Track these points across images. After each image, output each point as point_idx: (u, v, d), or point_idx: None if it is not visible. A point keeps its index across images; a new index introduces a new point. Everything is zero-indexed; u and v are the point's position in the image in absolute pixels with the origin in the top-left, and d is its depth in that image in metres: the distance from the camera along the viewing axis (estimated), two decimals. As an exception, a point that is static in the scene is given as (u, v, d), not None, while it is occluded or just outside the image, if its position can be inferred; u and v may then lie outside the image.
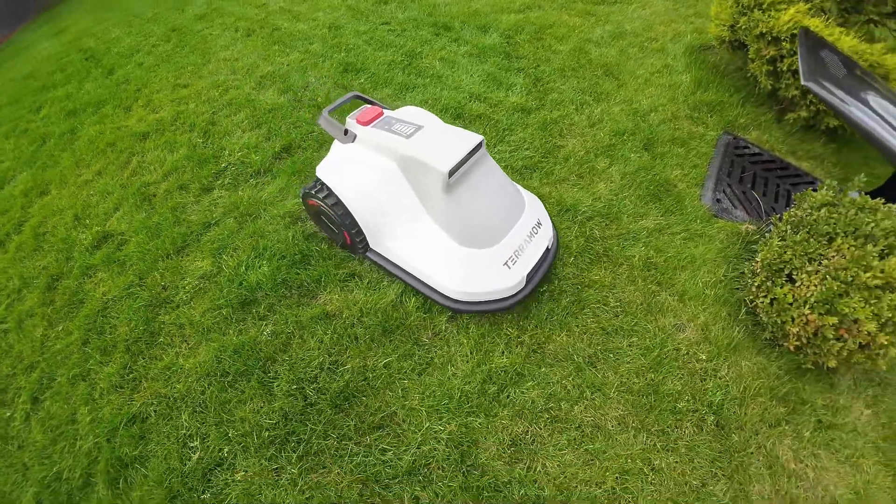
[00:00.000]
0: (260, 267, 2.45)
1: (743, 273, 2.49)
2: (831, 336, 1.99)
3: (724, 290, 2.44)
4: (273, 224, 2.64)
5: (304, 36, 3.93)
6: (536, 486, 1.91)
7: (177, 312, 2.38)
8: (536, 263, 2.24)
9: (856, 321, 1.94)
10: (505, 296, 2.17)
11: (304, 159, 2.94)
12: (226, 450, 1.97)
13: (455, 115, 3.16)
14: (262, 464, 1.93)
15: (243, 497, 1.87)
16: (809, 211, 2.23)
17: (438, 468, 1.92)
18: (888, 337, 1.93)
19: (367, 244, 2.37)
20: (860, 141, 3.13)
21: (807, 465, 2.07)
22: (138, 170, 3.11)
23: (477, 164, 2.16)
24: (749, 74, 3.12)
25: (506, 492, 1.89)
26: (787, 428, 2.12)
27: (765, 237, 2.43)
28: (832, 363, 2.05)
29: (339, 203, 2.22)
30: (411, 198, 2.18)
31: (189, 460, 1.96)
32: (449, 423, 2.01)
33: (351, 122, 2.27)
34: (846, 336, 2.00)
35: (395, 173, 2.17)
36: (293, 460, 1.93)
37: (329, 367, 2.15)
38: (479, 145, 2.11)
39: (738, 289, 2.45)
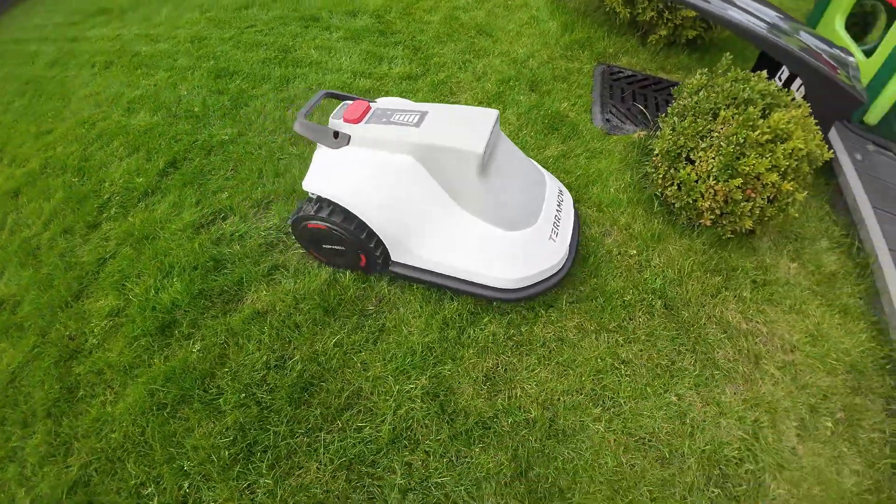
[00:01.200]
0: (171, 286, 2.11)
1: (647, 173, 2.58)
2: (740, 198, 2.09)
3: (634, 191, 2.51)
4: (175, 239, 2.29)
5: (167, 54, 3.55)
6: (522, 410, 1.80)
7: (91, 359, 1.97)
8: (573, 230, 2.12)
9: (758, 177, 2.05)
10: (556, 270, 2.01)
11: (193, 169, 2.62)
12: (186, 485, 1.64)
13: (350, 90, 2.99)
14: (231, 486, 1.63)
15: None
16: (689, 97, 2.36)
17: (421, 426, 1.75)
18: (791, 184, 2.06)
19: (388, 258, 2.04)
20: (717, 46, 3.44)
21: (757, 322, 2.17)
22: (16, 228, 2.60)
23: (498, 142, 1.92)
24: (608, 9, 3.30)
25: (495, 426, 1.76)
26: (727, 294, 2.21)
27: (657, 136, 2.55)
28: (748, 224, 2.17)
29: (351, 218, 1.87)
30: (438, 193, 1.88)
31: (148, 511, 1.63)
32: (419, 379, 1.84)
33: (338, 123, 1.88)
34: (753, 195, 2.11)
35: (413, 169, 1.84)
36: (264, 471, 1.65)
37: (276, 364, 1.89)
38: (496, 120, 1.86)
39: (645, 187, 2.54)
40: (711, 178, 2.13)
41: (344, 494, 1.63)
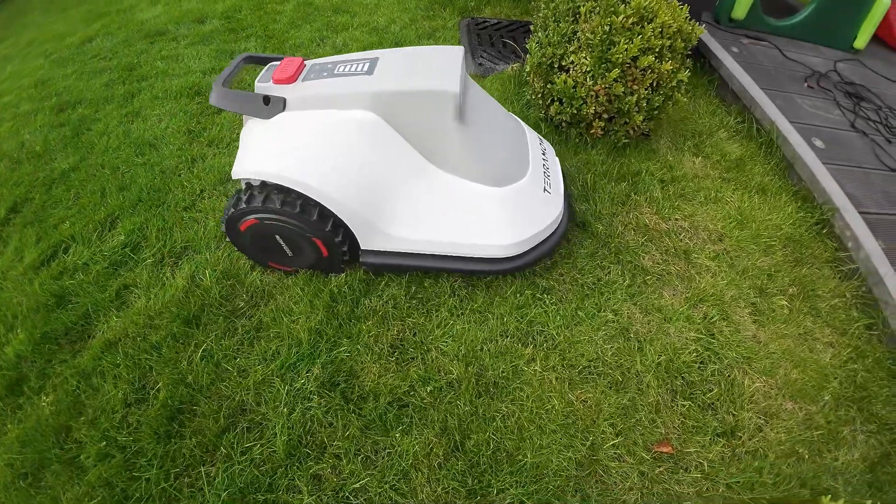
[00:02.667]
0: (15, 338, 1.59)
1: (528, 100, 2.31)
2: (622, 91, 1.84)
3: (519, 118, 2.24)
4: (17, 287, 1.77)
5: (9, 105, 2.95)
6: (442, 373, 1.43)
7: None
8: (564, 182, 1.78)
9: (634, 61, 1.81)
10: (556, 227, 1.65)
11: (34, 209, 2.07)
12: None
13: (194, 93, 2.53)
14: None
15: None
16: (546, 6, 2.10)
17: (324, 426, 1.33)
18: (669, 63, 1.82)
19: (357, 247, 1.57)
20: None
21: (676, 220, 1.92)
22: None
23: (467, 85, 1.52)
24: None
25: (413, 401, 1.38)
26: (637, 198, 1.95)
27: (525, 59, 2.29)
28: (638, 120, 1.92)
29: (305, 203, 1.42)
30: (408, 153, 1.45)
31: None
32: (311, 370, 1.43)
33: (266, 86, 1.43)
34: (635, 86, 1.87)
35: (373, 126, 1.40)
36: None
37: (136, 399, 1.41)
38: (463, 58, 1.49)
39: (529, 112, 2.26)
40: (590, 80, 1.87)
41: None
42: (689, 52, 1.95)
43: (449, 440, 1.32)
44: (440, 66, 1.41)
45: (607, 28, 1.78)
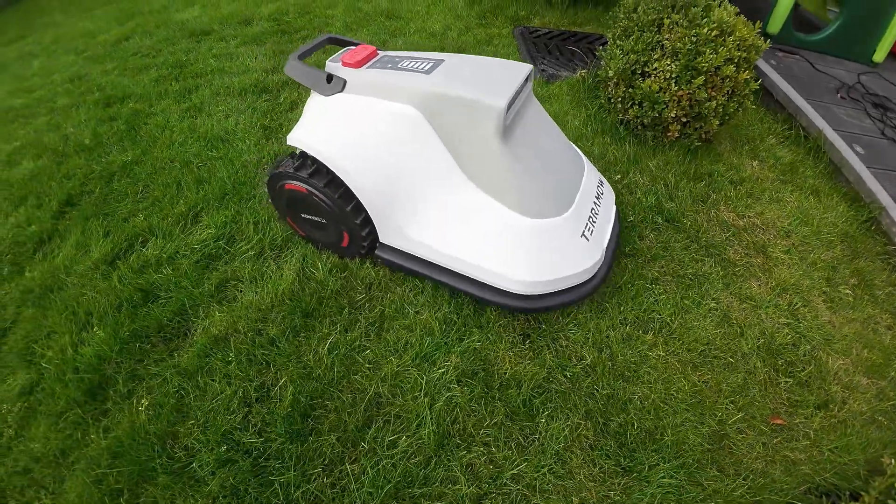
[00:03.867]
0: (93, 337, 1.43)
1: (601, 104, 2.31)
2: (705, 97, 1.87)
3: (595, 123, 2.22)
4: (86, 282, 1.60)
5: (44, 100, 2.73)
6: (576, 359, 1.38)
7: (12, 456, 1.23)
8: (613, 231, 1.56)
9: (717, 70, 1.85)
10: (587, 278, 1.43)
11: (94, 201, 1.90)
12: None
13: (260, 90, 2.41)
14: None
15: None
16: (627, 18, 2.13)
17: (469, 415, 1.26)
18: (746, 73, 1.87)
19: (377, 239, 1.51)
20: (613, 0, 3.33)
21: (750, 217, 1.94)
22: None
23: (527, 105, 1.42)
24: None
25: (553, 386, 1.32)
26: (715, 197, 1.97)
27: (599, 68, 2.30)
28: (714, 124, 1.96)
29: (335, 182, 1.38)
30: (443, 157, 1.37)
31: None
32: (448, 360, 1.35)
33: (334, 66, 1.43)
34: (713, 94, 1.91)
35: (415, 122, 1.35)
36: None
37: (258, 398, 1.30)
38: (529, 76, 1.39)
39: (605, 118, 2.25)
40: (674, 85, 1.90)
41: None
42: (755, 73, 2.02)
43: (595, 422, 1.28)
44: (498, 79, 1.32)
45: (694, 39, 1.82)
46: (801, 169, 2.18)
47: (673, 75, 1.86)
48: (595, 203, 1.54)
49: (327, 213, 1.44)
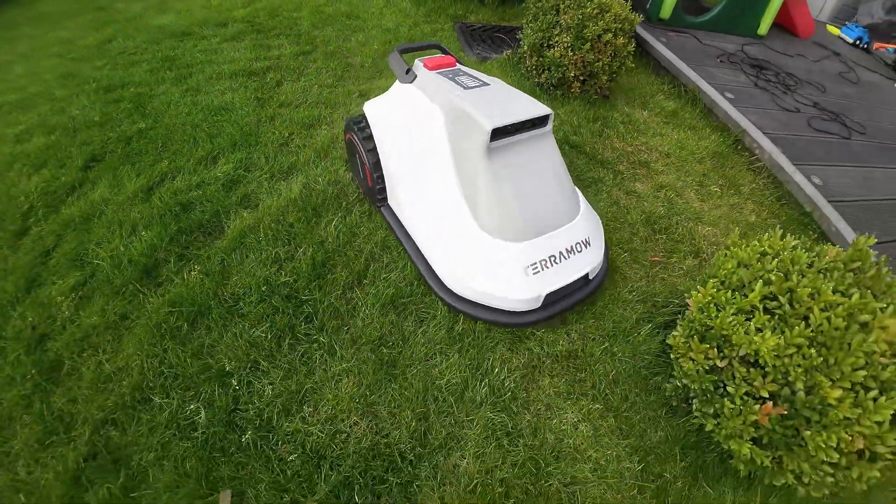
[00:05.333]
0: (141, 238, 1.97)
1: (522, 73, 3.12)
2: (593, 58, 2.71)
3: (518, 87, 2.99)
4: (126, 208, 2.14)
5: (40, 94, 3.10)
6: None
7: (68, 332, 1.71)
8: (564, 287, 1.67)
9: (599, 38, 2.69)
10: (512, 308, 1.64)
11: (118, 157, 2.44)
12: (234, 383, 1.56)
13: (248, 74, 3.05)
14: (283, 363, 1.61)
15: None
16: (534, 6, 2.98)
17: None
18: (622, 39, 2.71)
19: (386, 197, 1.98)
20: None
21: (637, 145, 2.75)
22: None
23: (536, 143, 1.66)
24: (447, -19, 3.97)
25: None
26: (609, 132, 2.78)
27: (519, 49, 3.15)
28: (603, 80, 2.81)
29: (370, 140, 1.91)
30: (444, 154, 1.68)
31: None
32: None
33: (418, 64, 1.88)
34: (599, 56, 2.76)
35: (437, 123, 1.70)
36: (314, 332, 1.68)
37: (286, 258, 1.90)
38: (545, 119, 1.65)
39: (525, 80, 3.07)
40: (570, 52, 2.73)
41: (398, 326, 1.74)
42: (633, 37, 2.90)
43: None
44: (507, 109, 1.59)
45: (580, 16, 2.67)
46: (682, 114, 3.06)
47: (568, 45, 2.70)
48: (563, 254, 1.67)
49: (364, 160, 1.96)
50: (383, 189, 1.95)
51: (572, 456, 1.50)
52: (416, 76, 1.87)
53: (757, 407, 1.27)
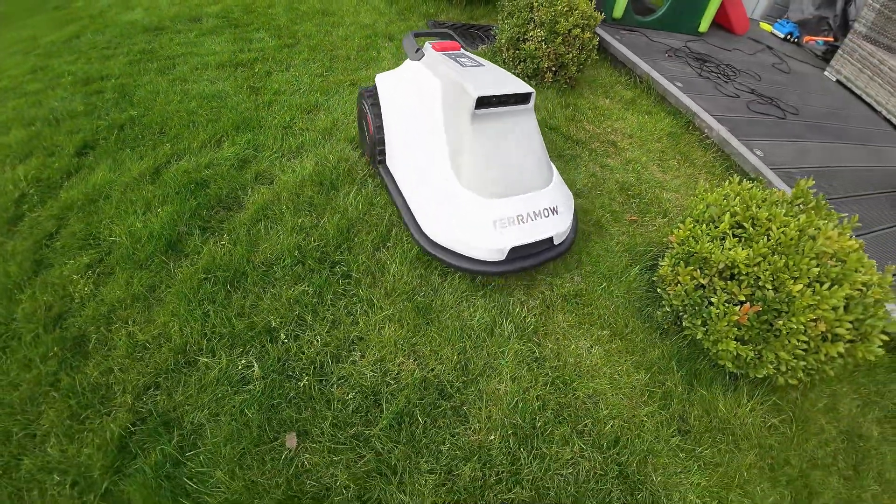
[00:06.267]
0: (159, 214, 2.01)
1: (498, 63, 3.40)
2: (564, 50, 3.03)
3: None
4: (134, 187, 2.15)
5: (9, 89, 2.99)
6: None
7: (89, 308, 1.72)
8: (529, 245, 1.84)
9: (569, 32, 3.02)
10: (479, 257, 1.80)
11: (112, 144, 2.42)
12: (282, 336, 1.66)
13: (235, 65, 3.10)
14: (330, 315, 1.74)
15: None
16: (510, 3, 3.29)
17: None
18: (587, 33, 3.07)
19: (385, 158, 2.19)
20: None
21: (604, 127, 3.11)
22: None
23: (517, 117, 1.89)
24: (419, -19, 4.21)
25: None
26: (580, 116, 3.10)
27: (495, 41, 3.44)
28: (573, 70, 3.14)
29: (376, 106, 2.15)
30: (438, 121, 1.90)
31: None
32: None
33: (428, 46, 2.12)
34: (569, 49, 3.09)
35: (436, 93, 1.92)
36: (352, 287, 1.83)
37: (311, 227, 2.01)
38: (527, 97, 1.87)
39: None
40: (544, 45, 3.05)
41: (426, 279, 1.92)
42: (596, 35, 3.27)
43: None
44: (494, 84, 1.81)
45: (553, 13, 3.00)
46: (639, 101, 3.46)
47: (542, 38, 3.01)
48: (531, 216, 1.83)
49: (370, 124, 2.19)
50: (383, 151, 2.18)
51: (590, 373, 1.75)
52: (423, 55, 2.12)
53: (737, 308, 1.58)
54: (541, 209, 1.86)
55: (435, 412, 1.55)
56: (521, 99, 1.87)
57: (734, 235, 1.70)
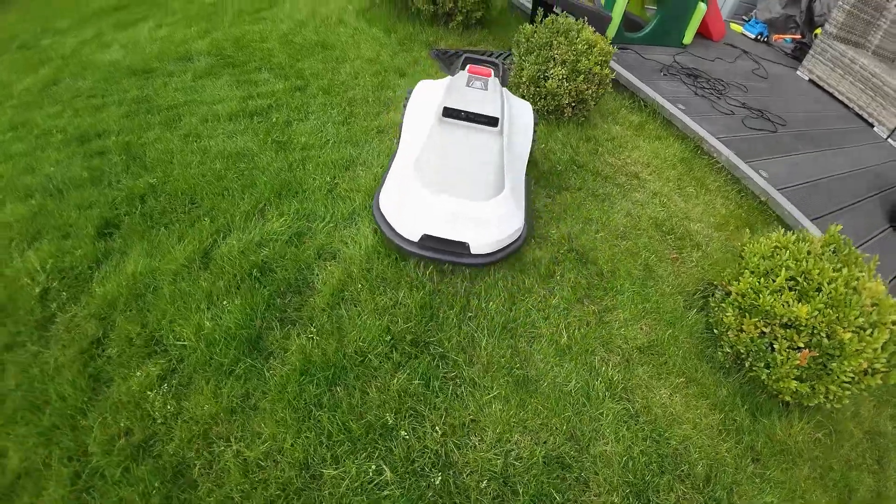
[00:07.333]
0: (227, 311, 1.90)
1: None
2: (585, 87, 3.12)
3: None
4: (185, 276, 2.02)
5: (21, 154, 2.79)
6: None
7: (183, 428, 1.62)
8: (441, 241, 2.02)
9: (590, 71, 3.10)
10: (401, 232, 2.05)
11: (139, 220, 2.25)
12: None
13: (249, 114, 2.94)
14: None
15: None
16: (527, 41, 3.32)
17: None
18: (606, 69, 3.19)
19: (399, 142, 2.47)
20: (494, 20, 4.69)
21: (623, 158, 3.22)
22: None
23: (481, 135, 2.18)
24: (413, 9, 4.12)
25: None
26: (601, 150, 3.24)
27: (511, 74, 3.48)
28: (592, 105, 3.26)
29: (406, 106, 2.49)
30: (430, 117, 2.26)
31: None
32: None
33: (466, 68, 2.53)
34: (590, 86, 3.19)
35: (438, 98, 2.31)
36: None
37: (393, 305, 1.98)
38: (495, 121, 2.17)
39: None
40: (566, 82, 3.12)
41: (515, 348, 1.97)
42: (612, 70, 3.38)
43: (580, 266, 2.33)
44: (470, 103, 2.22)
45: (574, 52, 3.07)
46: (647, 126, 3.61)
47: (564, 76, 3.08)
48: (454, 216, 2.01)
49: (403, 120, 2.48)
50: (398, 141, 2.47)
51: (677, 421, 1.90)
52: (457, 73, 2.54)
53: (797, 353, 1.82)
54: (466, 215, 2.04)
55: (563, 485, 1.62)
56: (490, 122, 2.19)
57: (790, 289, 1.93)
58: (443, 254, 2.03)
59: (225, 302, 1.95)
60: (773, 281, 1.95)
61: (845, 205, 3.29)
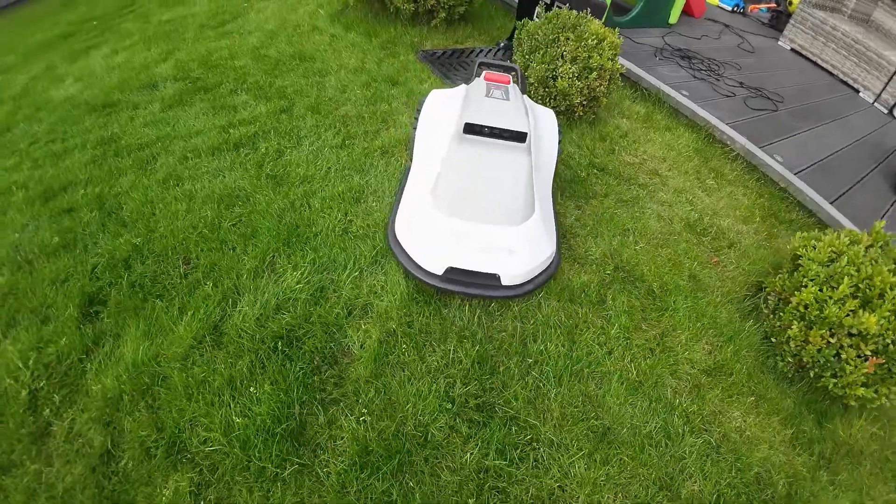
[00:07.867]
0: (253, 399, 1.65)
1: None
2: (597, 84, 2.92)
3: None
4: (196, 359, 1.72)
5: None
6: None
7: None
8: (469, 273, 1.83)
9: (602, 66, 2.90)
10: (422, 265, 1.86)
11: (129, 290, 1.92)
12: None
13: (233, 146, 2.60)
14: None
15: None
16: (529, 39, 3.07)
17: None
18: (616, 64, 2.99)
19: (411, 155, 2.29)
20: (477, 14, 4.43)
21: (640, 154, 3.05)
22: None
23: (508, 153, 1.95)
24: (392, 9, 3.79)
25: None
26: (616, 147, 3.06)
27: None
28: (604, 101, 3.06)
29: (417, 117, 2.27)
30: (446, 133, 2.06)
31: None
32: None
33: (483, 74, 2.35)
34: (602, 82, 3.00)
35: (454, 111, 2.12)
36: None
37: (445, 364, 1.78)
38: (522, 136, 1.94)
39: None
40: (577, 80, 2.91)
41: (585, 394, 1.79)
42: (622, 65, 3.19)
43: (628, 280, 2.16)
44: (493, 116, 1.98)
45: (585, 48, 2.85)
46: (654, 116, 3.45)
47: (576, 74, 2.87)
48: (481, 247, 1.84)
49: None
50: (411, 151, 2.30)
51: (755, 443, 1.80)
52: (473, 81, 2.38)
53: (866, 363, 1.79)
54: (494, 244, 1.86)
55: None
56: (516, 137, 1.95)
57: (852, 296, 1.87)
58: (470, 287, 1.84)
59: (252, 389, 1.66)
60: (835, 289, 1.89)
61: (854, 182, 3.25)
